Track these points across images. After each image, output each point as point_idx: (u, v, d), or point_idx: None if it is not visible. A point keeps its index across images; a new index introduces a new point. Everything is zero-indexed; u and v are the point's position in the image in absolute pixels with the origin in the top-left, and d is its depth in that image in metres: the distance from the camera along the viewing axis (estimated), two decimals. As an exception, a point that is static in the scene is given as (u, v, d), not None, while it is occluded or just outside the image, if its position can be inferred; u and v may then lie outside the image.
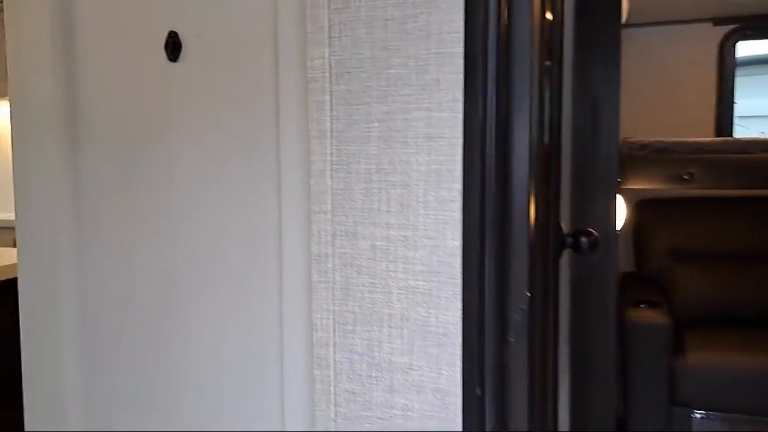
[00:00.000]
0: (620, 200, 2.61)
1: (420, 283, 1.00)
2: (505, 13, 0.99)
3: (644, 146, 3.01)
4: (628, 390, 2.72)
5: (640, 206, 3.28)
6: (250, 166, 1.17)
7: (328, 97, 1.04)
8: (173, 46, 1.20)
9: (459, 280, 0.98)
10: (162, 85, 1.23)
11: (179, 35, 1.20)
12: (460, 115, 0.97)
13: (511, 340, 1.04)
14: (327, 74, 1.04)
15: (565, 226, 1.59)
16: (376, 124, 1.02)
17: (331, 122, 1.04)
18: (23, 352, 1.41)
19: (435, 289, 0.99)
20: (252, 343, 1.21)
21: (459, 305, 0.98)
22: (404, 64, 0.99)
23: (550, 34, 1.30)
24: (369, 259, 1.03)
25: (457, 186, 0.97)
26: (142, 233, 1.29)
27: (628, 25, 3.05)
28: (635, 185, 3.03)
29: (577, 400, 2.19)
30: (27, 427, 1.42)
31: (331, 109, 1.04)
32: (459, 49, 0.96)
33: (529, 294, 1.05)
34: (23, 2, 1.33)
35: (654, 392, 2.70)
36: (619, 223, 2.53)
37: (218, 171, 1.20)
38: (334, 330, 1.05)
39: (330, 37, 1.03)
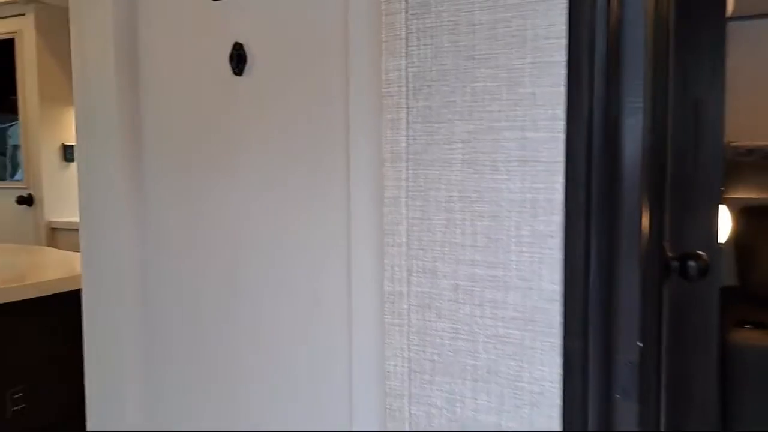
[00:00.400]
0: (723, 210, 2.36)
1: (511, 331, 0.85)
2: (616, 12, 0.84)
3: (751, 151, 2.73)
4: (731, 421, 2.46)
5: (744, 215, 2.98)
6: (317, 190, 1.06)
7: (404, 114, 0.91)
8: (238, 59, 1.11)
9: (558, 330, 0.83)
10: (226, 99, 1.14)
11: (244, 47, 1.11)
12: (561, 135, 0.82)
13: (619, 397, 0.88)
14: (404, 88, 0.91)
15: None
16: (459, 146, 0.88)
17: (407, 142, 0.91)
18: (86, 354, 1.37)
19: (529, 339, 0.84)
20: (319, 376, 1.10)
21: (558, 359, 0.83)
22: (494, 76, 0.85)
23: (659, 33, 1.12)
24: (450, 300, 0.89)
25: (557, 219, 0.82)
26: (205, 239, 1.20)
27: (733, 17, 2.77)
28: (740, 194, 2.75)
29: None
30: (89, 427, 1.39)
31: (408, 128, 0.91)
32: (560, 57, 0.81)
33: (640, 344, 0.89)
34: (88, 14, 1.27)
35: (762, 423, 2.43)
36: (723, 235, 2.29)
37: (283, 193, 1.10)
38: (410, 379, 0.93)
39: (407, 46, 0.91)
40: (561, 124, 0.82)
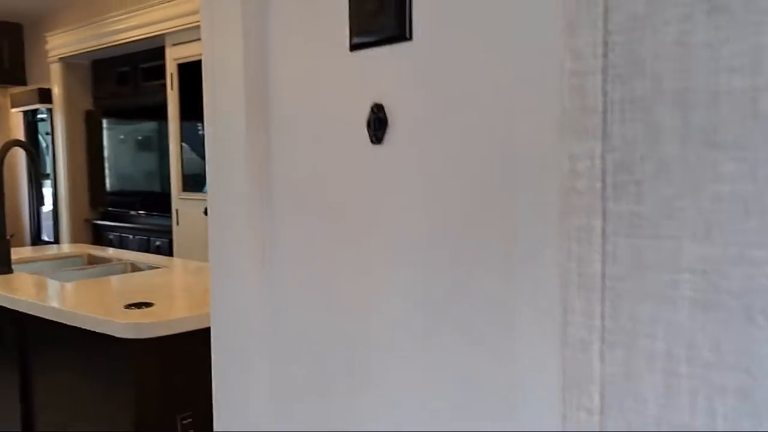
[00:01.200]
0: None
1: None
2: None
3: None
4: None
5: None
6: (469, 307, 0.79)
7: (599, 222, 0.62)
8: (377, 123, 0.88)
9: None
10: (362, 173, 0.92)
11: (386, 109, 0.88)
12: None
13: None
14: (599, 184, 0.62)
15: None
16: (688, 276, 0.57)
17: (603, 263, 0.62)
18: (214, 369, 1.25)
19: None
20: None
21: None
22: (750, 176, 0.53)
23: None
24: None
25: None
26: (333, 313, 0.99)
27: None
28: None
29: None
30: (216, 427, 1.28)
31: (605, 242, 0.62)
32: None
33: None
34: (220, 71, 1.13)
35: None
36: None
37: (423, 299, 0.85)
38: None
39: (606, 123, 0.61)
40: None
